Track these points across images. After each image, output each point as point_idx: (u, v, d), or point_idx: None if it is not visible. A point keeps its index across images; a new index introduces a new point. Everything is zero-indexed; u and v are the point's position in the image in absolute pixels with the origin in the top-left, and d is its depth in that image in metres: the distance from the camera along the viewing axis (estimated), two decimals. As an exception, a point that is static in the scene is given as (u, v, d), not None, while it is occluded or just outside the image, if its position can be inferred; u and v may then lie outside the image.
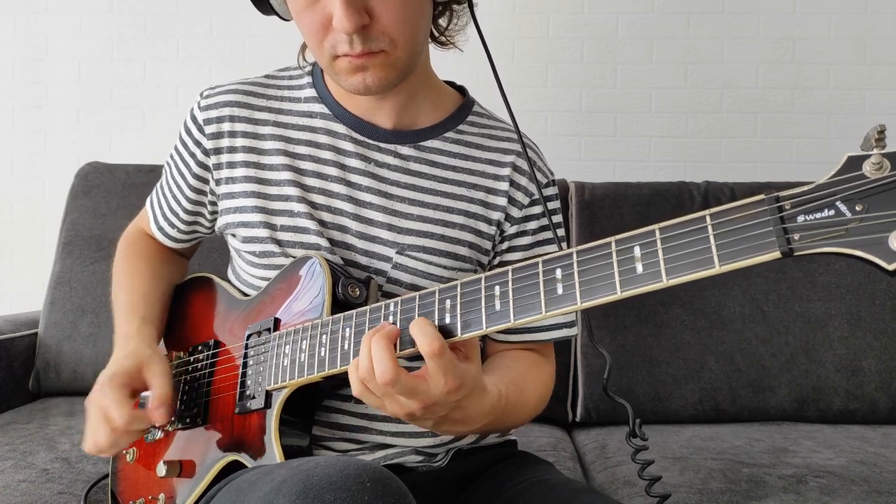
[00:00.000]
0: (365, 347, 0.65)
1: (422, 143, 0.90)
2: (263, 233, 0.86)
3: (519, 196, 0.92)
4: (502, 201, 0.91)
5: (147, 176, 1.66)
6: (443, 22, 0.90)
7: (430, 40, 0.90)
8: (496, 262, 0.93)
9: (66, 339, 1.58)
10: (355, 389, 0.67)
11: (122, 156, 1.96)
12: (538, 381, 0.91)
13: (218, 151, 0.90)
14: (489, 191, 0.91)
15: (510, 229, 0.92)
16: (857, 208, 0.45)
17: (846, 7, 1.93)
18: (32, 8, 2.03)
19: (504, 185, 0.91)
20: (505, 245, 0.92)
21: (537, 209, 0.93)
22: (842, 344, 1.51)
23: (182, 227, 0.99)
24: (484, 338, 0.96)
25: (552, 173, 0.98)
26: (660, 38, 1.97)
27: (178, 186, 0.95)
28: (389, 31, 0.76)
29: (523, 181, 0.92)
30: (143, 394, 0.83)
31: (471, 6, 0.86)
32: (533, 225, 0.93)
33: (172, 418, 0.87)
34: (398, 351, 0.67)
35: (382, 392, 0.65)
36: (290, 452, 0.75)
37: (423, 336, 0.63)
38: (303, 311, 0.80)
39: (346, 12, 0.72)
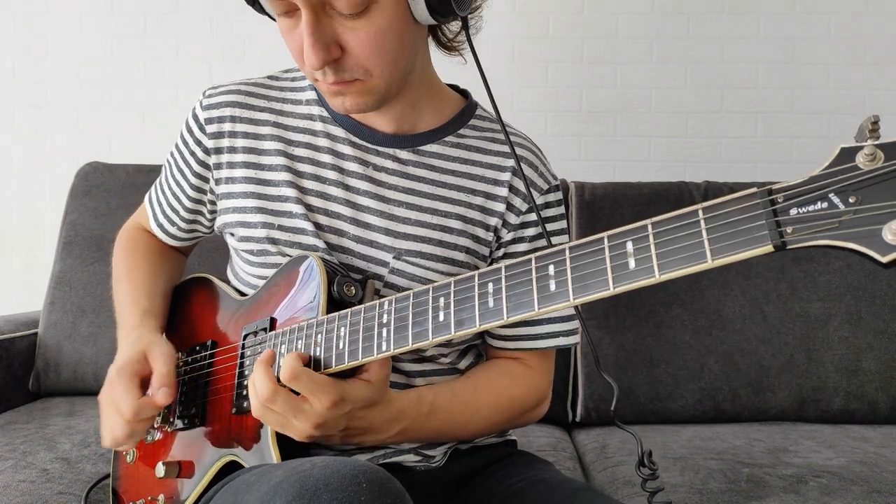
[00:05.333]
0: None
1: (420, 148, 0.89)
2: (261, 233, 0.86)
3: (517, 202, 0.90)
4: (500, 207, 0.89)
5: (147, 176, 1.66)
6: (453, 27, 0.88)
7: (436, 45, 0.88)
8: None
9: (66, 339, 1.58)
10: (255, 412, 0.73)
11: (122, 156, 1.96)
12: (500, 393, 0.89)
13: (218, 151, 0.90)
14: (488, 196, 0.89)
15: (507, 236, 0.90)
16: (850, 200, 0.45)
17: (846, 7, 1.93)
18: (32, 8, 2.03)
19: (503, 191, 0.89)
20: (501, 252, 0.91)
21: (536, 216, 0.91)
22: (842, 344, 1.51)
23: (182, 225, 0.99)
24: (483, 342, 0.96)
25: (555, 178, 0.95)
26: (660, 38, 1.96)
27: (179, 185, 0.95)
28: (363, 63, 0.75)
29: (523, 186, 0.90)
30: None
31: (465, 27, 0.82)
32: (530, 232, 0.91)
33: (175, 415, 0.87)
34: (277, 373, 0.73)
35: (267, 409, 0.71)
36: (287, 453, 0.74)
37: (284, 366, 0.70)
38: (299, 310, 0.79)
39: (313, 49, 0.72)
